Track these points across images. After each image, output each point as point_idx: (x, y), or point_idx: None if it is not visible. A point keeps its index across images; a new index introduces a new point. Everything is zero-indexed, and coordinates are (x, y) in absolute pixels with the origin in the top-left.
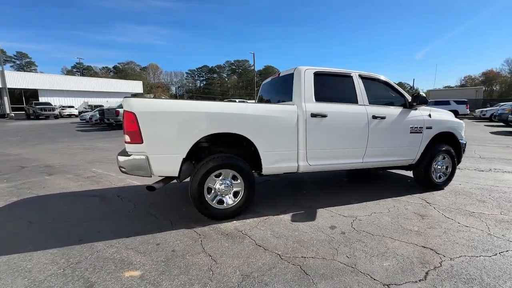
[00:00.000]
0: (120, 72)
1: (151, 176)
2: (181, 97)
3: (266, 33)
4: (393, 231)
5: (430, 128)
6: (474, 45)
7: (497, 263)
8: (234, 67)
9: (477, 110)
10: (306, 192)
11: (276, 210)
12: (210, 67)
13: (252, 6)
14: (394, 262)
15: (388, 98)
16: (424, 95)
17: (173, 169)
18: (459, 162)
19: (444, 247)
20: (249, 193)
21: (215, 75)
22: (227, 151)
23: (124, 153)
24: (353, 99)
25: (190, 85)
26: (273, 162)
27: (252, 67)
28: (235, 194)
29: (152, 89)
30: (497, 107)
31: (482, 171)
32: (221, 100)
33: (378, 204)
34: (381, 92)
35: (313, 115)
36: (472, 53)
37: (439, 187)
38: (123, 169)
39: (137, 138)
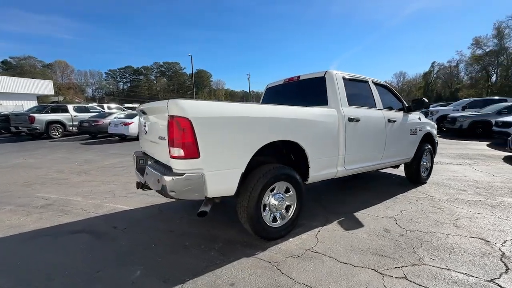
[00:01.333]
0: (13, 68)
1: (203, 199)
2: (101, 100)
3: (195, 36)
4: (434, 226)
5: (421, 130)
6: (372, 59)
7: None
8: (163, 69)
9: None
10: (324, 197)
11: (317, 220)
12: (135, 68)
13: (178, 6)
14: (470, 257)
15: (391, 103)
16: (426, 100)
17: (231, 187)
18: (433, 158)
19: (485, 235)
20: (301, 206)
21: (141, 77)
22: (269, 161)
23: (162, 170)
24: (372, 104)
25: (111, 86)
26: (319, 169)
27: (184, 70)
28: (287, 209)
29: (61, 91)
30: None
31: (435, 164)
32: None
33: (396, 202)
34: (387, 97)
35: (350, 119)
36: (371, 65)
37: (424, 181)
38: (173, 193)
39: (193, 151)
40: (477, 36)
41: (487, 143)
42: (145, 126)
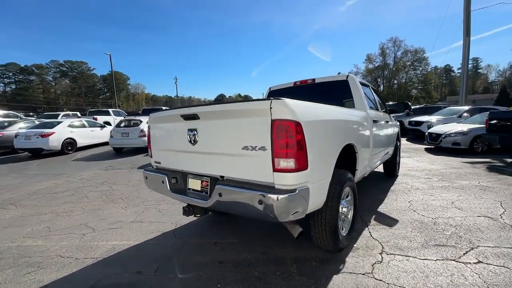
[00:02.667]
0: None
1: (303, 216)
2: None
3: (107, 34)
4: (445, 211)
5: (396, 128)
6: (288, 68)
7: None
8: (65, 68)
9: None
10: None
11: (361, 222)
12: (22, 66)
13: None
14: (495, 232)
15: (382, 105)
16: (410, 104)
17: (323, 199)
18: None
19: (484, 212)
20: (356, 209)
21: (32, 77)
22: None
23: (253, 188)
24: (376, 106)
25: None
26: (361, 171)
27: (94, 70)
28: (347, 215)
29: None
30: None
31: None
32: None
33: (397, 195)
34: (379, 100)
35: (374, 121)
36: (288, 73)
37: (397, 174)
38: (281, 214)
39: (304, 162)
40: (368, 53)
41: (405, 138)
42: (193, 135)
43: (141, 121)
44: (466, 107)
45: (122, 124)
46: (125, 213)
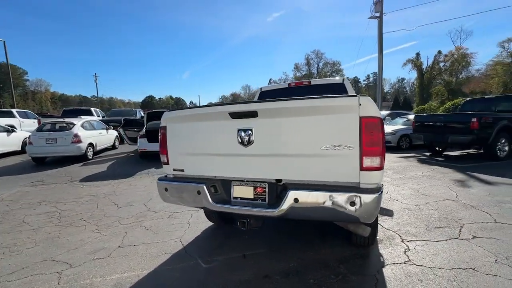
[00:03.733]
0: None
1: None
2: None
3: None
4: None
5: None
6: (222, 72)
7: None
8: None
9: None
10: None
11: None
12: None
13: None
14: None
15: None
16: None
17: None
18: None
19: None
20: None
21: None
22: None
23: (345, 188)
24: None
25: None
26: None
27: None
28: None
29: None
30: None
31: None
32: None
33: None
34: None
35: None
36: (221, 77)
37: None
38: (371, 215)
39: (384, 159)
40: (296, 62)
41: None
42: (247, 135)
43: (73, 124)
44: (387, 112)
45: (45, 128)
46: (101, 237)
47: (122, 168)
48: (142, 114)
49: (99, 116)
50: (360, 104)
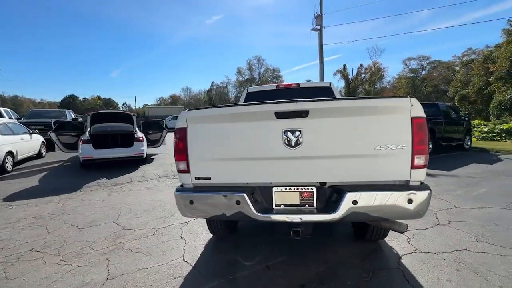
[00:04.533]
0: None
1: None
2: None
3: None
4: None
5: None
6: (158, 73)
7: None
8: None
9: None
10: None
11: None
12: None
13: None
14: None
15: None
16: None
17: None
18: None
19: None
20: None
21: None
22: None
23: (396, 187)
24: None
25: None
26: None
27: None
28: None
29: None
30: None
31: None
32: None
33: None
34: None
35: None
36: (159, 79)
37: None
38: (426, 212)
39: (428, 157)
40: (239, 66)
41: None
42: (296, 136)
43: None
44: None
45: None
46: (74, 270)
47: (61, 181)
48: (73, 116)
49: (11, 118)
50: (412, 105)
